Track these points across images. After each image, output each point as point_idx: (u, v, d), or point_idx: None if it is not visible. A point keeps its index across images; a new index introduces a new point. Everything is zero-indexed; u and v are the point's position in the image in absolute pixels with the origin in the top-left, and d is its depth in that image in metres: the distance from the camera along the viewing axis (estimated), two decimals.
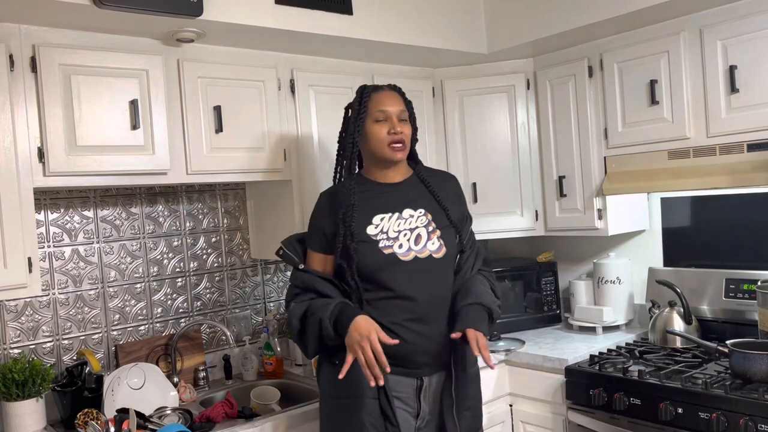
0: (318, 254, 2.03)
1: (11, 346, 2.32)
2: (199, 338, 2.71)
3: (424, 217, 2.02)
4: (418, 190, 2.07)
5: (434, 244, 1.99)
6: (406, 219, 2.00)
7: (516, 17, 2.82)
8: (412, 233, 1.98)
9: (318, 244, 2.03)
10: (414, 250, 1.96)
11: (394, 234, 1.97)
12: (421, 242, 1.98)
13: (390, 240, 1.95)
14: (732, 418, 2.07)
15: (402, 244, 1.95)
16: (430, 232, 2.00)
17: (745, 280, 2.63)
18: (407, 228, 1.98)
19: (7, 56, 1.98)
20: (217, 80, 2.40)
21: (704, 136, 2.48)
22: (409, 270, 1.94)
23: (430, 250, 1.98)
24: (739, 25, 2.35)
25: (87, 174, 2.12)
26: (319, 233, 2.02)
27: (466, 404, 1.98)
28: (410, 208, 2.02)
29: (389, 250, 1.94)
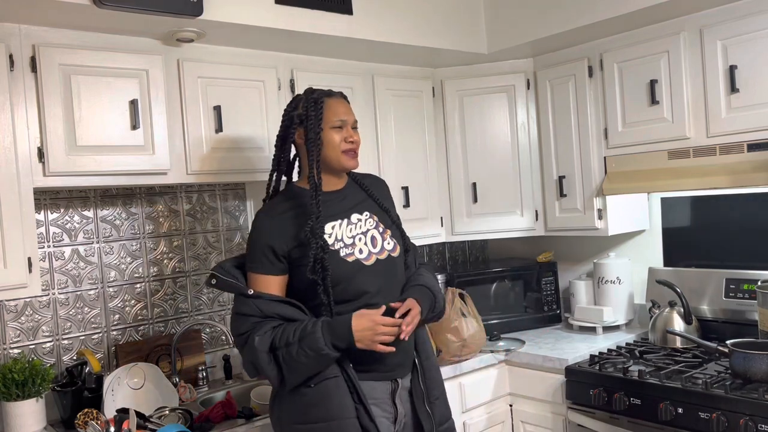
0: (270, 277, 1.90)
1: (11, 346, 2.32)
2: (199, 338, 2.71)
3: (371, 220, 2.00)
4: (359, 194, 2.04)
5: (389, 243, 1.99)
6: (355, 224, 1.96)
7: (516, 17, 2.82)
8: (366, 236, 1.96)
9: (270, 266, 1.89)
10: (374, 252, 1.94)
11: (350, 240, 1.92)
12: (377, 244, 1.96)
13: (348, 247, 1.91)
14: (732, 418, 2.07)
15: (361, 249, 1.92)
16: (382, 233, 2.00)
17: (745, 280, 2.63)
18: (359, 232, 1.95)
19: (7, 56, 1.98)
20: (217, 80, 2.40)
21: (704, 136, 2.48)
22: (374, 274, 1.92)
23: (388, 250, 1.98)
24: (739, 25, 2.35)
25: (87, 174, 2.12)
26: (269, 254, 1.88)
27: (435, 393, 1.99)
28: (357, 213, 1.99)
29: (352, 257, 1.90)
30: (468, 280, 3.12)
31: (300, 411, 1.84)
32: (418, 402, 1.95)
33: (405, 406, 1.94)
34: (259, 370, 1.83)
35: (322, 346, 1.75)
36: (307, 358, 1.76)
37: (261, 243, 1.90)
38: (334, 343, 1.76)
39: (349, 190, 2.03)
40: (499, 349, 2.83)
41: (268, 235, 1.90)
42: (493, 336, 2.93)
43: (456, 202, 3.13)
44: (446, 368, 2.58)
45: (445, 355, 2.64)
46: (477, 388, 2.74)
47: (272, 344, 1.79)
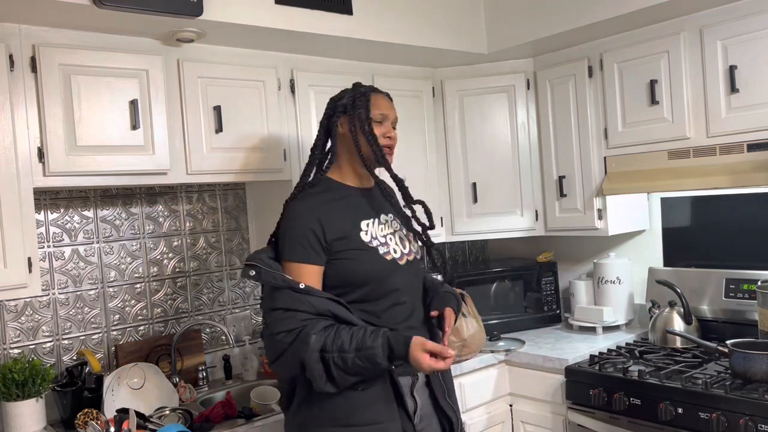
0: (312, 267, 1.83)
1: (11, 346, 2.32)
2: (199, 338, 2.71)
3: (396, 222, 2.03)
4: (383, 198, 2.04)
5: (414, 246, 2.04)
6: (384, 224, 1.98)
7: (516, 17, 2.82)
8: (395, 237, 1.99)
9: (313, 254, 1.83)
10: (404, 253, 1.98)
11: (383, 239, 1.94)
12: (406, 245, 2.00)
13: (384, 246, 1.92)
14: (732, 418, 2.07)
15: (395, 249, 1.95)
16: (406, 235, 2.04)
17: (745, 280, 2.63)
18: (389, 232, 1.98)
19: (7, 56, 1.98)
20: (217, 80, 2.40)
21: (704, 136, 2.48)
22: (405, 273, 1.95)
23: (414, 252, 2.03)
24: (739, 25, 2.35)
25: (87, 174, 2.12)
26: (313, 242, 1.82)
27: (451, 387, 2.04)
28: (384, 214, 2.01)
29: (389, 257, 1.92)
30: (468, 280, 3.12)
31: (342, 414, 1.78)
32: (441, 397, 1.97)
33: (422, 399, 1.95)
34: (307, 369, 1.73)
35: (381, 362, 1.70)
36: (362, 368, 1.72)
37: (302, 231, 1.83)
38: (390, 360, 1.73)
39: (376, 191, 2.04)
40: (499, 349, 2.83)
41: (311, 223, 1.83)
42: (493, 336, 2.93)
43: (456, 202, 3.13)
44: None
45: None
46: (477, 388, 2.74)
47: (323, 346, 1.72)
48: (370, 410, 1.78)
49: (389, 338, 1.73)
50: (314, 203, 1.88)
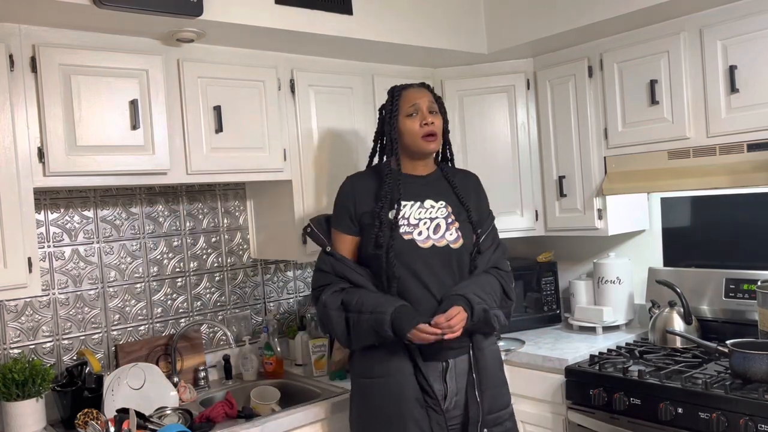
0: (345, 236, 2.11)
1: (11, 346, 2.32)
2: (199, 338, 2.71)
3: (444, 209, 2.11)
4: (442, 185, 2.17)
5: (452, 234, 2.08)
6: (427, 209, 2.09)
7: (516, 17, 2.82)
8: (431, 222, 2.07)
9: (346, 225, 2.11)
10: (432, 238, 2.05)
11: (415, 221, 2.06)
12: (439, 231, 2.06)
13: (410, 226, 2.04)
14: (732, 418, 2.07)
15: (421, 232, 2.04)
16: (449, 224, 2.09)
17: (745, 280, 2.63)
18: (427, 217, 2.07)
19: (7, 56, 1.98)
20: (217, 80, 2.40)
21: (704, 136, 2.48)
22: (426, 256, 2.03)
23: (448, 240, 2.06)
24: (739, 25, 2.35)
25: (87, 174, 2.12)
26: (346, 215, 2.11)
27: (489, 383, 2.06)
28: (432, 200, 2.11)
29: (409, 236, 2.03)
30: None
31: (365, 366, 2.06)
32: (469, 388, 2.04)
33: (455, 386, 2.04)
34: (326, 324, 2.05)
35: (386, 329, 1.91)
36: (369, 331, 1.95)
37: (341, 203, 2.14)
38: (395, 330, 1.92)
39: (433, 178, 2.18)
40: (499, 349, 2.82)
41: (347, 197, 2.12)
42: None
43: None
44: None
45: None
46: None
47: (345, 305, 2.00)
48: (385, 364, 2.00)
49: (399, 313, 1.92)
50: (356, 180, 2.15)
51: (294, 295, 3.08)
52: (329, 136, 2.70)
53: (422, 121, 2.08)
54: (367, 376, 2.05)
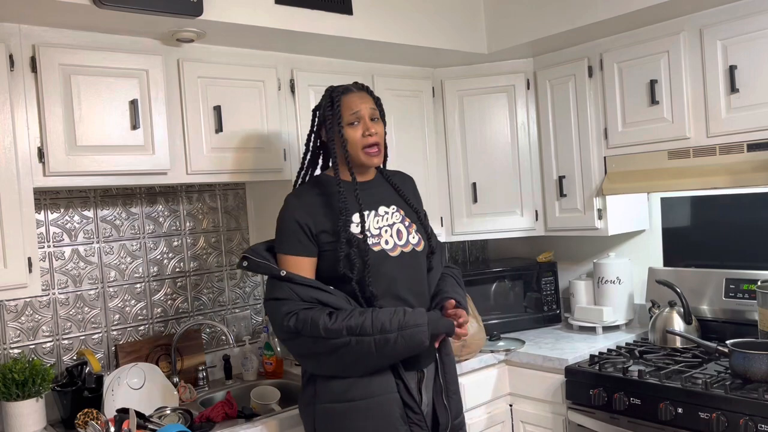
0: (301, 258, 1.92)
1: (11, 346, 2.32)
2: (199, 338, 2.71)
3: (398, 214, 2.03)
4: (386, 189, 2.08)
5: (414, 237, 2.02)
6: (382, 216, 2.00)
7: (516, 17, 2.82)
8: (392, 228, 1.99)
9: (300, 246, 1.92)
10: (399, 245, 1.97)
11: (376, 231, 1.96)
12: (402, 237, 1.99)
13: (375, 237, 1.94)
14: (732, 418, 2.07)
15: (387, 240, 1.96)
16: (408, 227, 2.03)
17: (745, 280, 2.63)
18: (386, 224, 1.99)
19: (7, 56, 1.98)
20: (217, 80, 2.40)
21: (704, 136, 2.48)
22: (398, 264, 1.96)
23: (412, 244, 2.01)
24: (739, 25, 2.35)
25: (87, 174, 2.12)
26: (299, 234, 1.92)
27: (453, 387, 2.04)
28: (383, 206, 2.02)
29: (378, 247, 1.94)
30: (468, 280, 3.12)
31: (339, 389, 1.87)
32: (437, 395, 1.99)
33: (428, 396, 1.99)
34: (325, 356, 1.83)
35: (425, 339, 1.82)
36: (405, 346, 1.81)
37: (291, 223, 1.93)
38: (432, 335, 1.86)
39: (376, 183, 2.07)
40: (499, 349, 2.83)
41: (298, 215, 1.93)
42: (493, 336, 2.93)
43: (456, 202, 3.13)
44: None
45: None
46: (477, 388, 2.74)
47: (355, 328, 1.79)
48: (367, 385, 1.86)
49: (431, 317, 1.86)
50: (302, 196, 1.98)
51: None
52: None
53: (365, 130, 1.95)
54: (341, 400, 1.87)
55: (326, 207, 1.95)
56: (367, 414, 1.85)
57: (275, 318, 1.89)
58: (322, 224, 1.92)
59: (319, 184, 2.01)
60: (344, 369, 1.86)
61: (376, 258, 1.92)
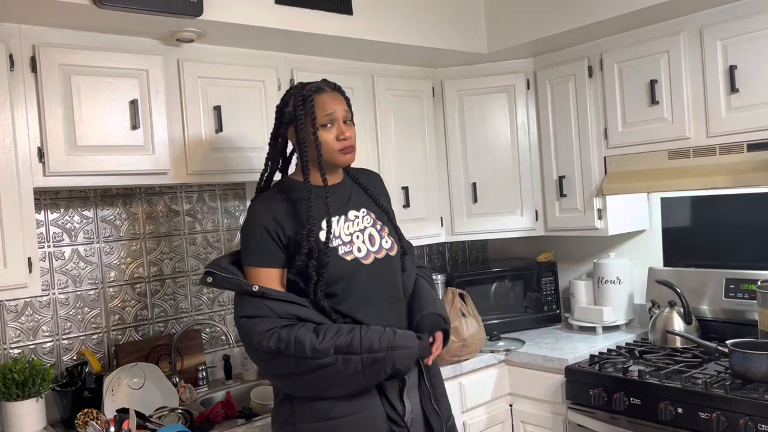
0: (271, 270, 1.80)
1: (11, 346, 2.32)
2: (199, 338, 2.71)
3: (369, 217, 1.93)
4: (355, 190, 1.97)
5: (387, 242, 1.92)
6: (352, 221, 1.89)
7: (516, 17, 2.82)
8: (363, 234, 1.88)
9: (270, 257, 1.80)
10: (372, 251, 1.87)
11: (347, 238, 1.85)
12: (375, 242, 1.89)
13: (347, 245, 1.83)
14: (732, 418, 2.07)
15: (360, 248, 1.85)
16: (380, 231, 1.93)
17: (745, 280, 2.63)
18: (357, 230, 1.88)
19: (7, 56, 1.98)
20: (217, 80, 2.40)
21: (704, 136, 2.48)
22: (372, 273, 1.86)
23: (386, 249, 1.91)
24: (739, 25, 2.35)
25: (87, 174, 2.12)
26: (269, 244, 1.79)
27: (440, 391, 1.99)
28: (353, 209, 1.91)
29: (351, 256, 1.83)
30: (468, 280, 3.12)
31: (321, 408, 1.77)
32: (426, 401, 1.92)
33: (412, 403, 1.90)
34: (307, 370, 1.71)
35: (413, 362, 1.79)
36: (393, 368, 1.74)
37: (259, 232, 1.80)
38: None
39: (345, 185, 1.96)
40: (499, 349, 2.83)
41: (267, 223, 1.80)
42: (493, 336, 2.93)
43: (456, 202, 3.13)
44: (446, 368, 2.58)
45: (445, 355, 2.64)
46: (477, 388, 2.74)
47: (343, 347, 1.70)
48: (351, 401, 1.77)
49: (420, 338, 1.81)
50: (269, 203, 1.84)
51: None
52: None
53: (339, 134, 1.83)
54: (325, 418, 1.76)
55: (294, 214, 1.82)
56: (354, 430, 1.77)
57: (250, 338, 1.74)
58: (289, 232, 1.80)
59: (286, 189, 1.88)
60: (325, 389, 1.75)
61: (349, 268, 1.82)
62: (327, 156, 1.84)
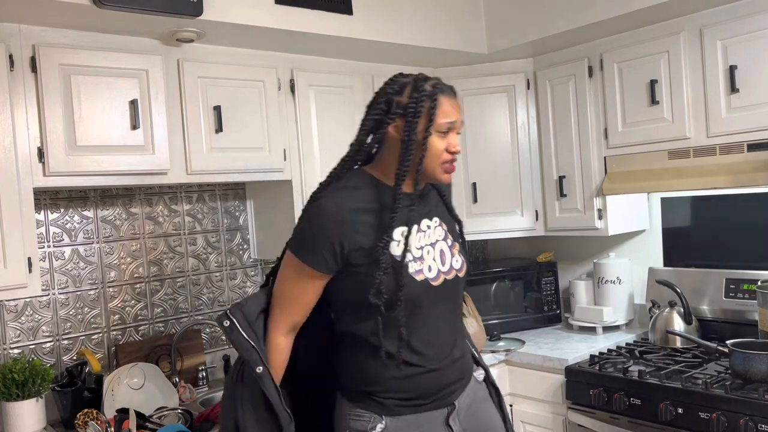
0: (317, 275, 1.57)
1: (11, 346, 2.32)
2: (199, 338, 2.71)
3: (440, 228, 1.66)
4: (433, 197, 1.71)
5: (458, 261, 1.67)
6: (424, 231, 1.62)
7: (516, 17, 2.82)
8: (434, 249, 1.62)
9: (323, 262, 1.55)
10: (442, 271, 1.61)
11: (418, 252, 1.58)
12: (446, 260, 1.63)
13: (417, 261, 1.57)
14: (732, 418, 2.07)
15: (430, 266, 1.59)
16: (451, 247, 1.66)
17: (745, 280, 2.63)
18: (428, 243, 1.61)
19: (7, 56, 1.98)
20: (217, 80, 2.40)
21: (704, 136, 2.48)
22: (438, 296, 1.60)
23: (455, 269, 1.65)
24: (739, 25, 2.35)
25: (87, 174, 2.12)
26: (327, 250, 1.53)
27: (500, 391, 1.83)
28: (427, 218, 1.65)
29: (421, 276, 1.56)
30: (468, 280, 3.09)
31: None
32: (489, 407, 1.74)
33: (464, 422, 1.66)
34: None
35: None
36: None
37: (321, 235, 1.54)
38: None
39: (425, 191, 1.68)
40: (499, 349, 2.83)
41: (332, 229, 1.53)
42: (493, 336, 2.93)
43: (456, 202, 3.05)
44: None
45: None
46: None
47: None
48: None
49: None
50: (342, 206, 1.55)
51: None
52: (329, 136, 2.70)
53: (451, 146, 1.58)
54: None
55: (367, 221, 1.55)
56: None
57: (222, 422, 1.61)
58: (358, 242, 1.53)
59: (364, 188, 1.60)
60: None
61: (418, 289, 1.55)
62: (429, 167, 1.57)
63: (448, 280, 1.62)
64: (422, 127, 1.54)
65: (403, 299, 1.53)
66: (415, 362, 1.59)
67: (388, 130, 1.58)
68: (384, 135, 1.59)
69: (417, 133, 1.54)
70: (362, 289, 1.53)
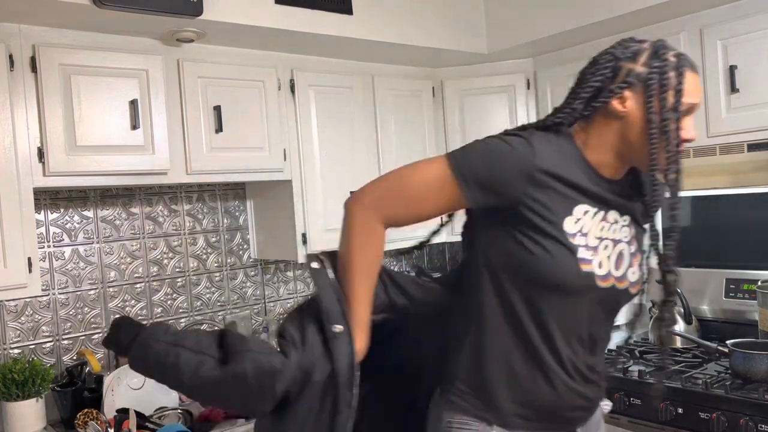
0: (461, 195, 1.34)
1: (11, 346, 2.32)
2: None
3: (628, 230, 1.39)
4: (629, 192, 1.40)
5: (635, 273, 1.40)
6: (610, 224, 1.35)
7: (516, 17, 2.81)
8: (614, 248, 1.35)
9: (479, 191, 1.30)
10: (614, 275, 1.34)
11: (595, 241, 1.31)
12: (622, 265, 1.36)
13: (589, 250, 1.30)
14: (732, 418, 2.07)
15: (602, 263, 1.32)
16: (633, 254, 1.39)
17: (745, 280, 2.63)
18: (610, 237, 1.34)
19: (7, 56, 1.98)
20: (217, 80, 2.40)
21: (704, 136, 2.48)
22: (597, 302, 1.35)
23: (630, 281, 1.39)
24: (739, 25, 2.35)
25: (87, 174, 2.12)
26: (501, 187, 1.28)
27: None
28: (616, 211, 1.37)
29: (587, 266, 1.29)
30: None
31: None
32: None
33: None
34: None
35: None
36: None
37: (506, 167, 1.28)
38: None
39: (624, 181, 1.39)
40: None
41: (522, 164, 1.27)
42: None
43: None
44: None
45: None
46: None
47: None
48: None
49: None
50: (544, 149, 1.32)
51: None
52: (329, 136, 2.70)
53: (686, 131, 1.29)
54: None
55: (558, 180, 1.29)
56: None
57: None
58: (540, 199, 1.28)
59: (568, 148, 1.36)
60: None
61: (577, 282, 1.29)
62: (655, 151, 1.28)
63: (616, 288, 1.35)
64: (669, 105, 1.27)
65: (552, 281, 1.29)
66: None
67: (611, 102, 1.34)
68: (602, 106, 1.36)
69: (669, 113, 1.26)
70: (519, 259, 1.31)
